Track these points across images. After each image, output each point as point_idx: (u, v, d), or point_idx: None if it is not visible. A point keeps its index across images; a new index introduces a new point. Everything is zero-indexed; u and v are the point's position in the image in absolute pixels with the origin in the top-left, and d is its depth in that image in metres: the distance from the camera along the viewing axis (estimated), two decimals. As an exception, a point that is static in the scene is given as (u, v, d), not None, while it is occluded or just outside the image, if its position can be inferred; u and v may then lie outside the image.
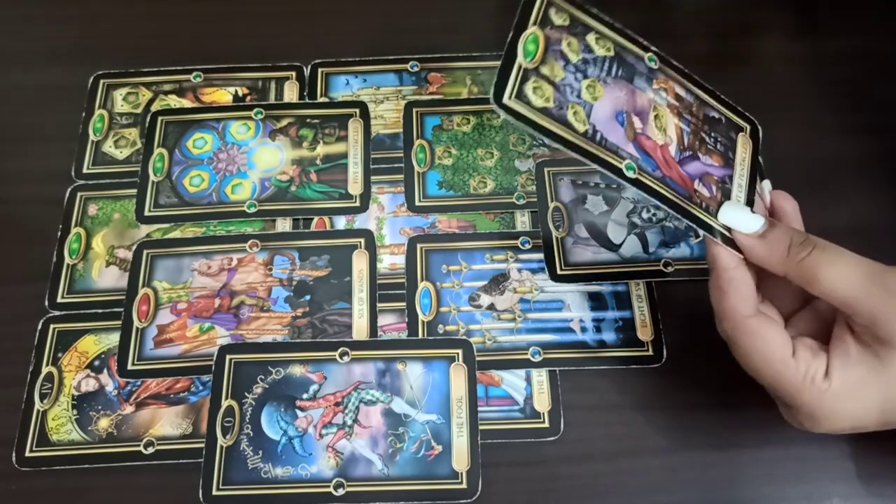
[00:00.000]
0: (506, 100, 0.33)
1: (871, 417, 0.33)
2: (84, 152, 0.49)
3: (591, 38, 0.36)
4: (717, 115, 0.38)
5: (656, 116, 0.36)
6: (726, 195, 0.36)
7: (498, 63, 0.34)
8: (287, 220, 0.47)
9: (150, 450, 0.41)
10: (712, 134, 0.37)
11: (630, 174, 0.34)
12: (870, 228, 0.46)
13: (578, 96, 0.34)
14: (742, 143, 0.38)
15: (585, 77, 0.35)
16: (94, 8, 0.55)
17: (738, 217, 0.35)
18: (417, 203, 0.47)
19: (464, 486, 0.39)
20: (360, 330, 0.44)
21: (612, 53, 0.36)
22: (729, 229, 0.35)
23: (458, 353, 0.42)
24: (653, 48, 0.37)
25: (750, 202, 0.37)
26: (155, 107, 0.51)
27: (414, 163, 0.49)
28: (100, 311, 0.44)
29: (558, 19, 0.35)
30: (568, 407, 0.42)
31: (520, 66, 0.33)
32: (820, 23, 0.53)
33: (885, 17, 0.52)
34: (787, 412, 0.36)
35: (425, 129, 0.50)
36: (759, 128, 0.39)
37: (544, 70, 0.34)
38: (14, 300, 0.45)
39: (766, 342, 0.34)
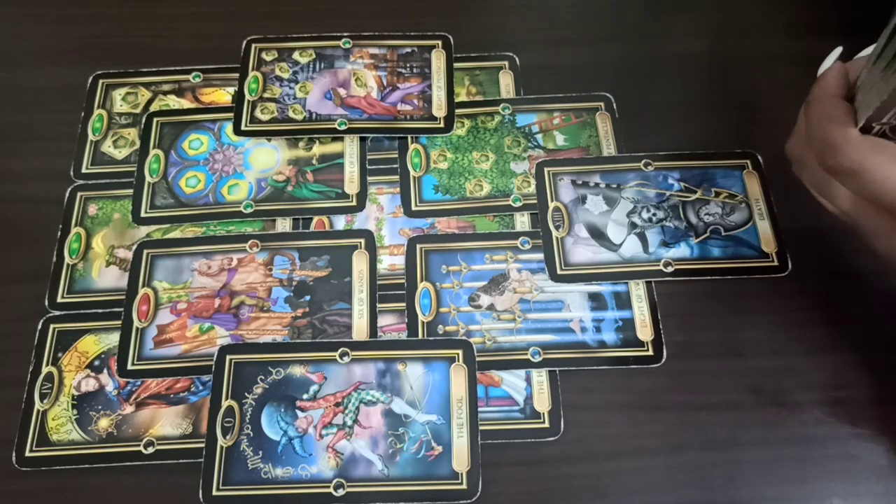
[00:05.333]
0: (243, 127, 0.49)
1: None
2: (83, 152, 0.49)
3: (296, 55, 0.52)
4: (409, 50, 0.52)
5: (357, 79, 0.51)
6: (428, 100, 0.50)
7: (496, 63, 0.52)
8: (287, 221, 0.47)
9: (150, 450, 0.41)
10: (408, 65, 0.51)
11: (342, 128, 0.49)
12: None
13: (294, 98, 0.50)
14: (436, 56, 0.51)
15: (297, 83, 0.51)
16: (94, 8, 0.55)
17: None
18: (414, 208, 0.47)
19: (464, 486, 0.39)
20: (360, 330, 0.44)
21: (313, 56, 0.51)
22: None
23: (458, 354, 0.42)
24: (345, 34, 0.52)
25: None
26: (154, 107, 0.51)
27: (409, 167, 0.49)
28: (100, 311, 0.44)
29: (269, 56, 0.51)
30: (568, 407, 0.42)
31: (248, 102, 0.50)
32: (820, 22, 0.53)
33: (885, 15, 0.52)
34: None
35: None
36: (451, 38, 0.52)
37: (266, 94, 0.50)
38: (14, 300, 0.45)
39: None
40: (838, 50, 0.37)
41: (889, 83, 0.30)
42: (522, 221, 0.47)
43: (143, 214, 0.47)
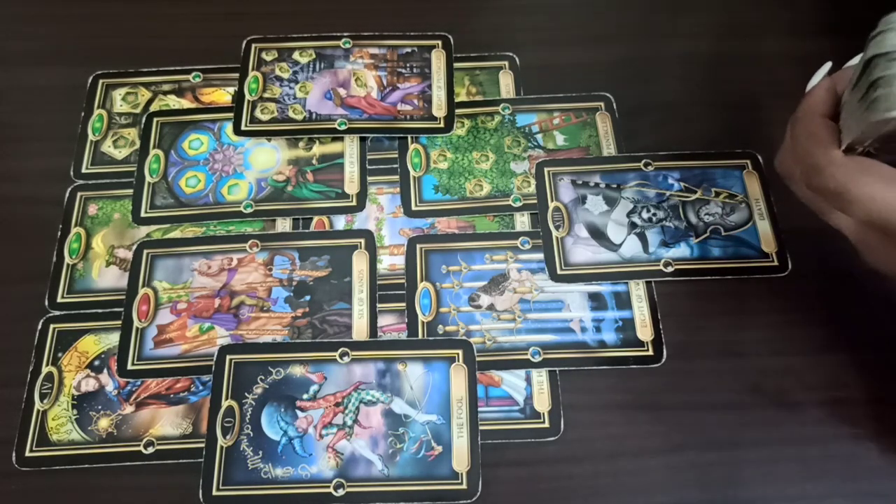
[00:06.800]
0: (243, 127, 0.49)
1: None
2: (83, 152, 0.49)
3: (296, 55, 0.52)
4: (409, 50, 0.52)
5: (357, 79, 0.50)
6: (428, 100, 0.50)
7: (496, 63, 0.52)
8: (287, 221, 0.47)
9: (150, 450, 0.41)
10: (408, 65, 0.51)
11: (342, 128, 0.49)
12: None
13: (294, 98, 0.50)
14: (436, 56, 0.51)
15: (297, 83, 0.50)
16: (94, 8, 0.55)
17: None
18: (414, 208, 0.47)
19: (464, 486, 0.39)
20: (359, 330, 0.44)
21: (313, 56, 0.51)
22: None
23: (458, 354, 0.42)
24: (345, 34, 0.52)
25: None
26: (154, 107, 0.51)
27: (409, 167, 0.49)
28: (100, 311, 0.44)
29: (269, 56, 0.51)
30: (568, 407, 0.42)
31: (248, 102, 0.50)
32: (820, 22, 0.53)
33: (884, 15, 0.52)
34: None
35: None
36: (451, 38, 0.52)
37: (267, 94, 0.50)
38: (14, 300, 0.45)
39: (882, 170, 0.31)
40: (827, 65, 0.37)
41: (864, 117, 0.30)
42: (522, 221, 0.47)
43: (143, 214, 0.47)
